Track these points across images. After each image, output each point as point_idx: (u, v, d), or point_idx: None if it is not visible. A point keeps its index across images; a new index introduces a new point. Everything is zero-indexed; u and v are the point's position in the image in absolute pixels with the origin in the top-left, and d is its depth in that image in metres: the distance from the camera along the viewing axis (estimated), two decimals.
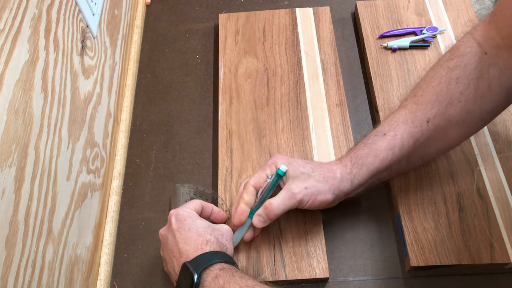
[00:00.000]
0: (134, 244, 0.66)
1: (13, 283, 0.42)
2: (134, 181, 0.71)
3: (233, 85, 0.76)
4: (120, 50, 0.76)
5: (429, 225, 0.62)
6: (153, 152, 0.74)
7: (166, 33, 0.87)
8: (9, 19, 0.43)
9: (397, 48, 0.78)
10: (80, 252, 0.57)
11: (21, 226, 0.44)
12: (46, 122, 0.49)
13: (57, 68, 0.52)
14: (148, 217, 0.68)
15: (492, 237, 0.60)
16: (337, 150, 0.69)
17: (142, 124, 0.77)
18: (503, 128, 0.69)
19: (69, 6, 0.57)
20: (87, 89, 0.61)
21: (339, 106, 0.73)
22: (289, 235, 0.62)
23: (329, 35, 0.81)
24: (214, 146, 0.74)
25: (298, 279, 0.60)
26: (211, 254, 0.52)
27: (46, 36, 0.50)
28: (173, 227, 0.54)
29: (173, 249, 0.54)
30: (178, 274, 0.52)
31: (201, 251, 0.52)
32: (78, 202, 0.57)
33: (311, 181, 0.56)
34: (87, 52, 0.62)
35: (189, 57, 0.84)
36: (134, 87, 0.80)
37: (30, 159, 0.46)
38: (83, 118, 0.60)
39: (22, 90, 0.45)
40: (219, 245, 0.54)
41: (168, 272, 0.56)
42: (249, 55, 0.80)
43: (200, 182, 0.70)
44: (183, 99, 0.79)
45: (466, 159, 0.67)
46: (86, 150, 0.60)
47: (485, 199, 0.63)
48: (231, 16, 0.84)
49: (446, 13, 0.82)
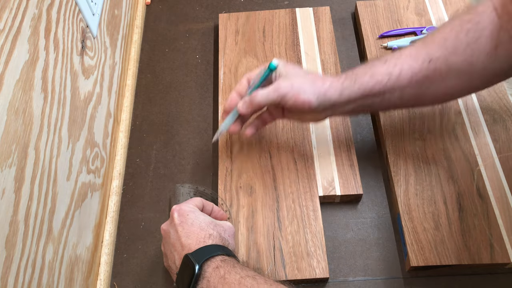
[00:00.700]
0: (134, 244, 0.66)
1: (13, 283, 0.42)
2: (134, 181, 0.72)
3: (233, 85, 0.76)
4: (120, 50, 0.76)
5: (429, 225, 0.62)
6: (153, 152, 0.74)
7: (166, 33, 0.87)
8: (9, 19, 0.43)
9: (397, 48, 0.78)
10: (80, 252, 0.57)
11: (21, 226, 0.44)
12: (46, 122, 0.49)
13: (57, 68, 0.52)
14: (148, 217, 0.68)
15: (492, 237, 0.60)
16: (337, 150, 0.69)
17: (142, 124, 0.77)
18: (503, 128, 0.70)
19: (69, 6, 0.57)
20: (87, 89, 0.61)
21: None
22: (289, 235, 0.62)
23: (329, 35, 0.81)
24: (214, 146, 0.74)
25: (298, 279, 0.60)
26: (213, 247, 0.52)
27: (46, 36, 0.50)
28: (175, 221, 0.54)
29: (175, 243, 0.54)
30: (178, 268, 0.52)
31: (203, 244, 0.52)
32: (78, 202, 0.57)
33: (299, 80, 0.58)
34: (87, 52, 0.62)
35: (189, 57, 0.84)
36: (134, 87, 0.80)
37: (30, 159, 0.46)
38: (83, 118, 0.60)
39: (22, 90, 0.45)
40: (222, 240, 0.54)
41: (168, 267, 0.56)
42: (249, 55, 0.80)
43: (200, 182, 0.70)
44: (183, 99, 0.79)
45: (466, 159, 0.67)
46: (86, 150, 0.60)
47: (485, 199, 0.63)
48: (231, 16, 0.84)
49: (446, 13, 0.82)
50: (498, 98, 0.72)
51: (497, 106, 0.72)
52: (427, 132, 0.69)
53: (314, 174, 0.67)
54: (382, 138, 0.71)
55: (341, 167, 0.68)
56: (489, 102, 0.72)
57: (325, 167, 0.68)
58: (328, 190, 0.66)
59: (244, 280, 0.48)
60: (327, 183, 0.66)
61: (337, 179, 0.67)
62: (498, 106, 0.72)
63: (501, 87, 0.73)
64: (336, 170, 0.67)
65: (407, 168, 0.67)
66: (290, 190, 0.66)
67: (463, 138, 0.69)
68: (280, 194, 0.66)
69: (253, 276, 0.48)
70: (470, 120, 0.70)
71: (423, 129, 0.70)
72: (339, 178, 0.67)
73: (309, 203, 0.65)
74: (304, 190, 0.66)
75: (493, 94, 0.73)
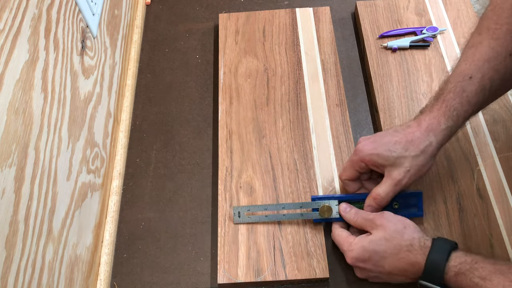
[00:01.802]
0: (134, 244, 0.66)
1: (13, 283, 0.42)
2: (134, 181, 0.71)
3: (233, 85, 0.76)
4: (120, 50, 0.76)
5: (429, 225, 0.62)
6: (153, 152, 0.74)
7: (166, 33, 0.87)
8: (9, 19, 0.43)
9: (397, 48, 0.78)
10: (80, 252, 0.57)
11: (21, 226, 0.44)
12: (46, 122, 0.49)
13: (57, 68, 0.52)
14: (148, 217, 0.68)
15: (492, 237, 0.60)
16: (337, 150, 0.69)
17: (142, 124, 0.77)
18: (503, 128, 0.70)
19: (69, 6, 0.57)
20: (87, 89, 0.61)
21: (339, 106, 0.73)
22: (289, 235, 0.62)
23: (329, 35, 0.81)
24: (214, 146, 0.74)
25: (298, 279, 0.60)
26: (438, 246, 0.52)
27: (46, 36, 0.50)
28: (367, 267, 0.56)
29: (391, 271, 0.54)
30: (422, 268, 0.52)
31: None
32: (78, 202, 0.57)
33: (410, 161, 0.55)
34: (87, 52, 0.62)
35: (189, 57, 0.84)
36: (134, 87, 0.80)
37: (30, 159, 0.46)
38: (83, 118, 0.60)
39: (22, 90, 0.45)
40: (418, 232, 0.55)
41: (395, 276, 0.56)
42: (249, 55, 0.80)
43: (200, 182, 0.70)
44: (183, 99, 0.79)
45: (466, 159, 0.67)
46: (86, 150, 0.60)
47: (485, 199, 0.63)
48: (231, 16, 0.84)
49: (446, 13, 0.82)
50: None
51: (497, 106, 0.72)
52: None
53: (314, 174, 0.67)
54: None
55: (341, 167, 0.68)
56: None
57: (325, 167, 0.68)
58: (328, 190, 0.66)
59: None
60: (327, 183, 0.66)
61: (337, 179, 0.67)
62: (498, 106, 0.72)
63: None
64: (336, 170, 0.67)
65: None
66: (290, 190, 0.66)
67: (463, 138, 0.69)
68: (280, 194, 0.66)
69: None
70: (470, 120, 0.70)
71: None
72: (339, 178, 0.67)
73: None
74: (304, 190, 0.66)
75: None
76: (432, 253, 0.51)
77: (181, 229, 0.67)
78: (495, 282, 0.47)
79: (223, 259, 0.61)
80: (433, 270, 0.51)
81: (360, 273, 0.58)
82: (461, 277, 0.49)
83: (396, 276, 0.55)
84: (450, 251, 0.51)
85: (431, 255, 0.51)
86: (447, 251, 0.51)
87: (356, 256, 0.55)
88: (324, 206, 0.61)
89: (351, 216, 0.59)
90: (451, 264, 0.50)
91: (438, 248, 0.52)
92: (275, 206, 0.63)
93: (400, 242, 0.53)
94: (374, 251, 0.54)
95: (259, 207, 0.63)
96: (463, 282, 0.49)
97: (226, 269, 0.60)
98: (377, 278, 0.57)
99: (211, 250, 0.65)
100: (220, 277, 0.60)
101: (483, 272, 0.48)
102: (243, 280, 0.60)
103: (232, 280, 0.60)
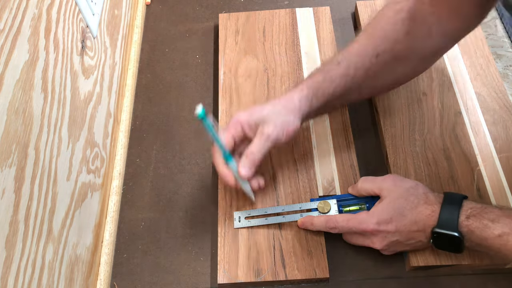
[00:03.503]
0: (134, 244, 0.66)
1: (13, 283, 0.42)
2: (134, 181, 0.72)
3: (233, 85, 0.76)
4: (120, 50, 0.76)
5: None
6: (153, 152, 0.74)
7: (166, 33, 0.87)
8: (9, 19, 0.43)
9: None
10: (80, 252, 0.57)
11: (21, 226, 0.44)
12: (46, 122, 0.49)
13: (57, 68, 0.53)
14: (148, 217, 0.68)
15: None
16: (337, 150, 0.69)
17: (142, 124, 0.77)
18: (503, 128, 0.70)
19: (69, 6, 0.57)
20: (87, 89, 0.61)
21: None
22: (289, 235, 0.62)
23: (329, 35, 0.81)
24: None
25: (298, 279, 0.60)
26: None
27: (46, 36, 0.50)
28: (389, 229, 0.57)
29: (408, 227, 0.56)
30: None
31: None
32: (78, 202, 0.57)
33: (277, 117, 0.59)
34: (87, 52, 0.62)
35: (189, 57, 0.84)
36: (134, 87, 0.80)
37: (30, 159, 0.46)
38: (83, 118, 0.60)
39: (22, 90, 0.45)
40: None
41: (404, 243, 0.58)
42: (249, 55, 0.80)
43: (200, 182, 0.70)
44: (183, 99, 0.79)
45: (466, 159, 0.67)
46: (86, 150, 0.60)
47: (485, 199, 0.63)
48: (231, 16, 0.84)
49: None
50: (498, 98, 0.72)
51: (497, 106, 0.72)
52: (427, 132, 0.69)
53: (314, 174, 0.67)
54: (382, 138, 0.71)
55: (341, 167, 0.68)
56: (489, 102, 0.72)
57: (325, 167, 0.68)
58: (328, 190, 0.66)
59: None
60: (327, 183, 0.66)
61: (337, 179, 0.67)
62: (498, 106, 0.72)
63: (501, 87, 0.73)
64: (336, 170, 0.68)
65: (407, 168, 0.67)
66: (290, 190, 0.66)
67: (463, 138, 0.69)
68: (280, 194, 0.66)
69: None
70: (470, 120, 0.70)
71: (423, 129, 0.70)
72: (339, 178, 0.67)
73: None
74: (304, 190, 0.66)
75: (493, 94, 0.73)
76: (447, 200, 0.55)
77: (181, 229, 0.67)
78: (502, 223, 0.51)
79: (223, 259, 0.61)
80: (449, 215, 0.54)
81: (381, 239, 0.58)
82: (472, 219, 0.53)
83: (415, 233, 0.56)
84: (462, 199, 0.55)
85: (446, 202, 0.55)
86: (460, 199, 0.55)
87: (378, 220, 0.57)
88: (322, 202, 0.63)
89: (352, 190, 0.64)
90: (464, 209, 0.54)
91: (451, 197, 0.56)
92: (275, 208, 0.63)
93: (417, 196, 0.57)
94: (394, 209, 0.57)
95: (259, 210, 0.64)
96: (474, 225, 0.52)
97: (226, 269, 0.61)
98: (394, 245, 0.58)
99: (211, 250, 0.65)
100: (220, 277, 0.60)
101: (492, 215, 0.52)
102: (243, 280, 0.60)
103: (232, 280, 0.60)
